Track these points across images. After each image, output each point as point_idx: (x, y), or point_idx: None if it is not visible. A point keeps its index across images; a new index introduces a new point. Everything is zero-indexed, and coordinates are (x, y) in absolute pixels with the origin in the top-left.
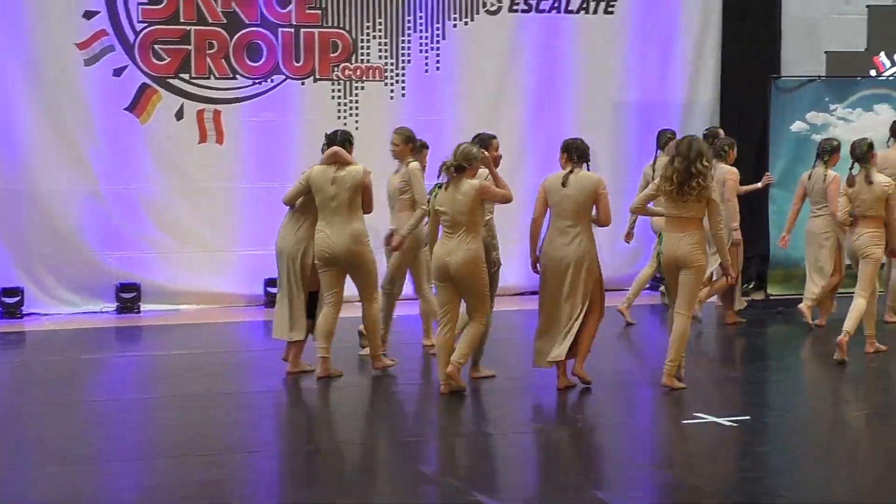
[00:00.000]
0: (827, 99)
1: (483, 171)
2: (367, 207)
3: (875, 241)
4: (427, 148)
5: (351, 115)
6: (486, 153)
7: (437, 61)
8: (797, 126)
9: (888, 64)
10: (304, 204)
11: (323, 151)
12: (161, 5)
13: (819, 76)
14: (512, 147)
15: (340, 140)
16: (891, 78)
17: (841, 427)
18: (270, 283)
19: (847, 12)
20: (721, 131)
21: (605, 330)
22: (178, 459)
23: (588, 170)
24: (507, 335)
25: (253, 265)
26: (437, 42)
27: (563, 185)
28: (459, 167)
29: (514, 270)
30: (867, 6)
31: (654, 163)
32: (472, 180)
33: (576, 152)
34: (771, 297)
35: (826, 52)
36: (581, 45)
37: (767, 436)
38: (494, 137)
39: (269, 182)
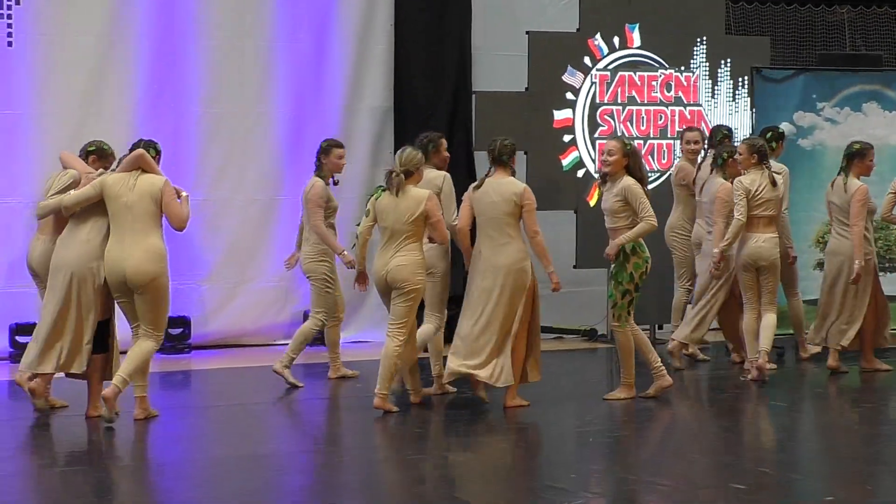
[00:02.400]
0: (814, 96)
1: (437, 174)
2: (173, 222)
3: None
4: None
5: None
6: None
7: (9, 34)
8: (784, 128)
9: (605, 49)
10: (95, 214)
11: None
12: None
13: (806, 67)
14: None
15: (144, 146)
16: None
17: None
18: (20, 330)
19: None
20: (731, 134)
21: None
22: None
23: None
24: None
25: None
26: (9, 8)
27: (480, 188)
28: (407, 172)
29: None
30: None
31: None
32: (418, 189)
33: (501, 153)
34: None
35: (528, 33)
36: (214, 11)
37: None
38: (442, 137)
39: None
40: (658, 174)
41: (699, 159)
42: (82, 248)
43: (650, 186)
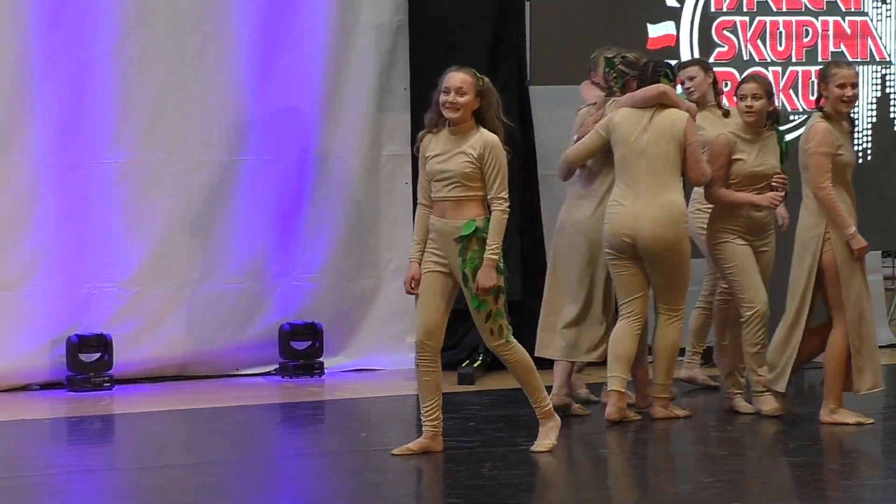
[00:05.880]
0: None
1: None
2: (692, 172)
3: None
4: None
5: None
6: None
7: None
8: None
9: None
10: (609, 165)
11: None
12: None
13: None
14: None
15: (654, 74)
16: None
17: None
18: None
19: None
20: None
21: None
22: None
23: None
24: None
25: None
26: None
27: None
28: None
29: None
30: None
31: None
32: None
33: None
34: None
35: None
36: None
37: None
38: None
39: None
40: (805, 116)
41: None
42: (595, 210)
43: (791, 135)
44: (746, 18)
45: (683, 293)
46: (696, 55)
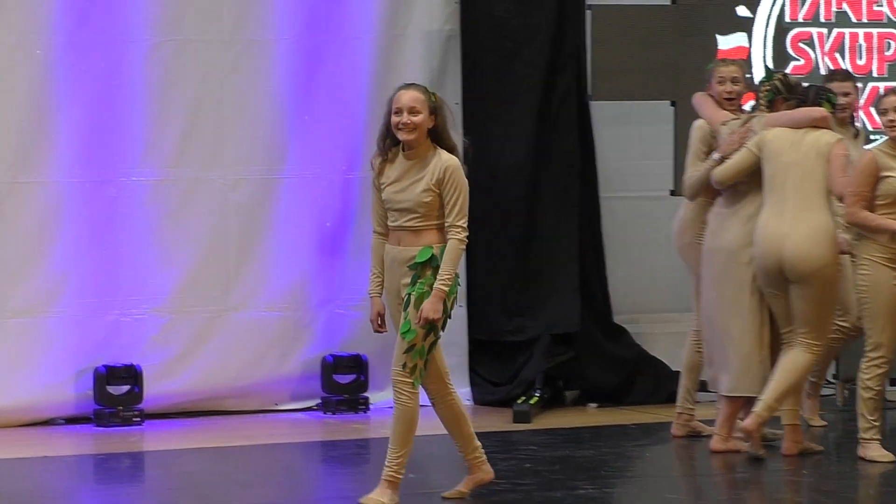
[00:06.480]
0: None
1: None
2: (835, 184)
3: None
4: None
5: None
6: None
7: None
8: None
9: None
10: (758, 182)
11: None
12: None
13: None
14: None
15: (817, 98)
16: None
17: None
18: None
19: None
20: None
21: None
22: None
23: None
24: None
25: None
26: None
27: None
28: None
29: None
30: None
31: None
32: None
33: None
34: None
35: None
36: None
37: None
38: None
39: None
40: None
41: None
42: (744, 230)
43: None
44: (824, 30)
45: (828, 327)
46: (771, 69)
